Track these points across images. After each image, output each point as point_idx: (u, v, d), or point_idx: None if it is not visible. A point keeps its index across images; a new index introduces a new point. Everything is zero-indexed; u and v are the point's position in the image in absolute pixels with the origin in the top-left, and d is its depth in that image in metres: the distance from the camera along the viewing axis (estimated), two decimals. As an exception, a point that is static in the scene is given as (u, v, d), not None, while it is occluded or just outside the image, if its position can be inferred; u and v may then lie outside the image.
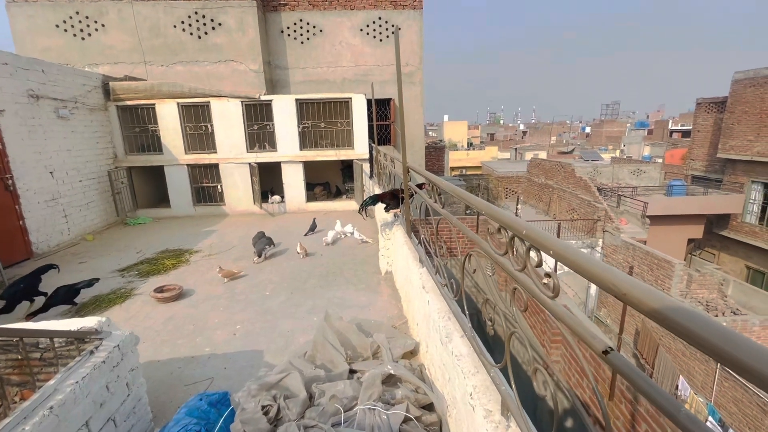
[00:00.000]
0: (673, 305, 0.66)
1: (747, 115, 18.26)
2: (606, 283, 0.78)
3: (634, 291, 0.72)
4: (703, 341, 0.60)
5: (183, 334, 3.90)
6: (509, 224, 1.25)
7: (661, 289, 13.40)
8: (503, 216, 1.33)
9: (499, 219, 1.34)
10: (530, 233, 1.11)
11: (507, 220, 1.28)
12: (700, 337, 0.61)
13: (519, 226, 1.18)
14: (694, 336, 0.62)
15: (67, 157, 7.45)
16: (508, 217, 1.30)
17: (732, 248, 19.62)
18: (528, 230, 1.13)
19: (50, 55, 10.90)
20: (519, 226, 1.19)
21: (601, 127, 63.77)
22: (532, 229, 1.12)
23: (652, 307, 0.69)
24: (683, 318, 0.64)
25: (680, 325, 0.63)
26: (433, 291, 2.74)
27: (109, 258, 6.47)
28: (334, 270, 5.51)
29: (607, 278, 0.78)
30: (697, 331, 0.61)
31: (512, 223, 1.24)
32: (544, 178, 21.95)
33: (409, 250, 3.69)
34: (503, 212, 1.37)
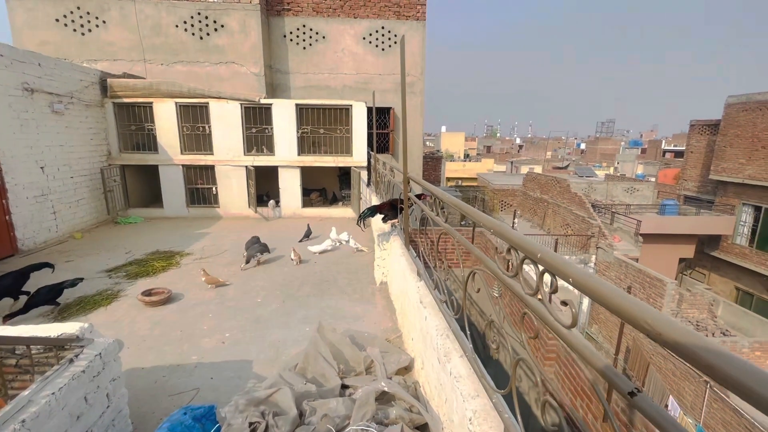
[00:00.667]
0: (716, 350, 0.60)
1: (739, 138, 18.60)
2: (638, 321, 0.72)
3: (671, 332, 0.65)
4: (745, 388, 0.54)
5: (169, 341, 3.77)
6: (522, 246, 1.19)
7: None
8: (515, 236, 1.26)
9: (510, 239, 1.27)
10: (545, 257, 1.05)
11: (519, 241, 1.22)
12: (744, 385, 0.55)
13: (533, 249, 1.12)
14: (737, 383, 0.56)
15: (59, 152, 7.30)
16: (519, 238, 1.24)
17: (722, 269, 19.80)
18: (543, 254, 1.07)
19: (48, 49, 10.77)
20: (533, 248, 1.12)
21: (596, 144, 64.62)
22: (548, 253, 1.06)
23: (691, 350, 0.63)
24: (729, 365, 0.57)
25: (726, 374, 0.57)
26: (431, 306, 2.66)
27: (97, 257, 6.30)
28: (328, 278, 5.41)
29: (638, 315, 0.72)
30: (740, 378, 0.55)
31: (525, 245, 1.17)
32: (539, 193, 22.08)
33: (407, 262, 3.62)
34: (514, 232, 1.31)
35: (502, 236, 1.34)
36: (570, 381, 5.06)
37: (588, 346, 0.92)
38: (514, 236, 1.27)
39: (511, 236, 1.28)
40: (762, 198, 17.71)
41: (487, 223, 1.53)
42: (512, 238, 1.26)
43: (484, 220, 1.54)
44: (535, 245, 1.14)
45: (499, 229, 1.37)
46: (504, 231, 1.34)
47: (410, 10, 12.71)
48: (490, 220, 1.49)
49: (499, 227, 1.38)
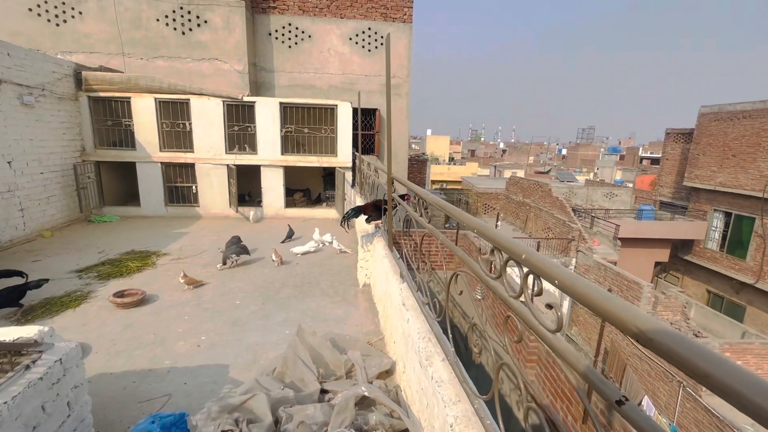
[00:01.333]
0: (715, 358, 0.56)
1: (711, 147, 19.31)
2: (627, 325, 0.68)
3: (663, 337, 0.62)
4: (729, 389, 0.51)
5: (142, 344, 3.61)
6: (506, 247, 1.15)
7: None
8: (499, 237, 1.23)
9: (494, 240, 1.24)
10: (531, 259, 1.01)
11: (503, 242, 1.18)
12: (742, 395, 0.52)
13: (517, 250, 1.08)
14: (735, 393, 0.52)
15: (28, 146, 6.96)
16: (503, 239, 1.20)
17: (695, 272, 20.49)
18: (528, 255, 1.03)
19: (20, 39, 10.30)
20: (517, 249, 1.09)
21: (577, 150, 66.18)
22: (533, 254, 1.02)
23: (685, 357, 0.59)
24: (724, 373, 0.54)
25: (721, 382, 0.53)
26: (413, 309, 2.61)
27: (67, 257, 6.02)
28: (310, 280, 5.31)
29: (628, 319, 0.68)
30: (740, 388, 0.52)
31: (509, 245, 1.14)
32: (521, 196, 22.41)
33: (390, 263, 3.57)
34: (498, 233, 1.27)
35: (485, 237, 1.30)
36: (551, 383, 5.10)
37: (573, 352, 0.89)
38: (498, 237, 1.23)
39: (495, 237, 1.24)
40: (732, 204, 18.42)
41: (470, 223, 1.49)
42: (496, 239, 1.23)
43: (468, 221, 1.50)
44: (519, 246, 1.10)
45: (483, 230, 1.33)
46: (488, 231, 1.30)
47: (397, 12, 12.73)
48: (474, 221, 1.45)
49: (482, 228, 1.34)
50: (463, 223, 1.55)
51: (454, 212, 1.69)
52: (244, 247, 5.84)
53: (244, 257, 5.83)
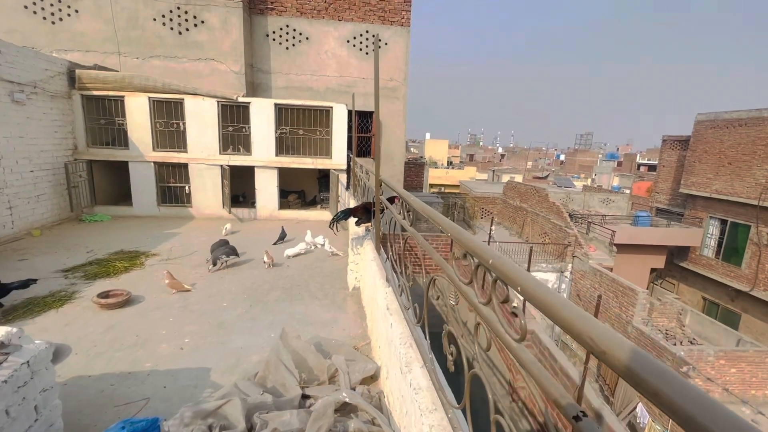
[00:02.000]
0: (666, 374, 0.52)
1: (707, 154, 19.38)
2: (583, 336, 0.64)
3: (617, 351, 0.57)
4: (677, 408, 0.47)
5: (123, 346, 3.54)
6: (475, 251, 1.11)
7: (625, 316, 13.76)
8: (469, 240, 1.18)
9: (465, 244, 1.19)
10: (497, 264, 0.97)
11: (473, 246, 1.14)
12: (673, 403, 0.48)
13: (485, 254, 1.04)
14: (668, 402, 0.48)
15: (18, 144, 6.90)
16: (474, 243, 1.16)
17: (690, 279, 20.50)
18: (495, 260, 0.99)
19: (15, 37, 10.25)
20: (485, 253, 1.04)
21: (575, 156, 66.38)
22: (500, 259, 0.98)
23: (633, 371, 0.55)
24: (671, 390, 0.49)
25: (672, 401, 0.49)
26: (397, 313, 2.56)
27: (54, 256, 5.95)
28: (300, 283, 5.25)
29: (584, 329, 0.64)
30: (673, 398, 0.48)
31: (478, 249, 1.09)
32: (519, 201, 22.43)
33: (377, 267, 3.52)
34: (469, 236, 1.22)
35: (458, 241, 1.26)
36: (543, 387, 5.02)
37: (536, 363, 0.84)
38: (469, 241, 1.19)
39: (466, 241, 1.20)
40: (728, 212, 18.47)
41: (446, 226, 1.45)
42: (467, 243, 1.18)
43: (442, 223, 1.45)
44: (488, 251, 1.06)
45: (456, 233, 1.28)
46: (460, 235, 1.26)
47: (395, 16, 12.74)
48: (447, 223, 1.41)
49: (455, 231, 1.30)
50: (439, 225, 1.50)
51: (431, 214, 1.65)
52: (233, 248, 5.77)
53: (233, 258, 5.75)
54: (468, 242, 1.19)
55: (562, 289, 16.86)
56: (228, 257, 5.57)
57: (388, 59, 12.82)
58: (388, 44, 12.82)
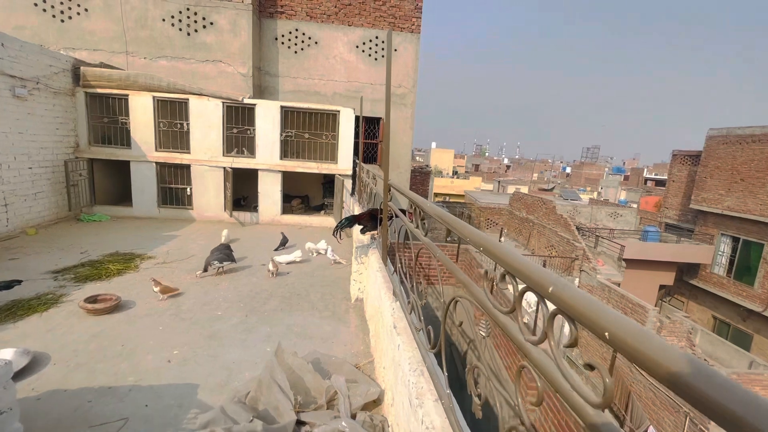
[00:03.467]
0: None
1: (719, 170, 19.01)
2: None
3: None
4: None
5: (106, 357, 3.28)
6: (523, 272, 0.85)
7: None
8: (513, 258, 0.92)
9: (506, 262, 0.93)
10: (563, 294, 0.71)
11: (519, 266, 0.88)
12: None
13: (541, 279, 0.78)
14: None
15: (17, 140, 6.74)
16: (519, 261, 0.90)
17: (700, 297, 19.99)
18: (559, 288, 0.72)
19: (24, 34, 10.21)
20: (541, 277, 0.78)
21: (581, 169, 66.00)
22: (566, 288, 0.71)
23: None
24: None
25: None
26: (405, 333, 2.29)
27: (47, 256, 5.73)
28: (300, 292, 4.98)
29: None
30: None
31: (528, 271, 0.83)
32: (525, 213, 22.09)
33: (383, 278, 3.25)
34: (512, 252, 0.96)
35: (494, 257, 1.00)
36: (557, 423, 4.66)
37: None
38: (511, 258, 0.92)
39: (507, 258, 0.94)
40: (740, 229, 18.03)
41: (475, 238, 1.19)
42: (509, 261, 0.92)
43: (471, 235, 1.20)
44: (544, 273, 0.79)
45: (492, 248, 1.02)
46: (497, 250, 1.00)
47: (405, 22, 12.63)
48: (479, 235, 1.15)
49: (491, 245, 1.04)
50: (466, 238, 1.25)
51: (456, 225, 1.39)
52: (229, 254, 5.48)
53: (227, 264, 5.44)
54: (510, 259, 0.93)
55: (569, 303, 16.44)
56: (221, 263, 5.27)
57: (397, 65, 12.68)
58: (398, 50, 12.69)
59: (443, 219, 1.53)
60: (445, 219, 1.50)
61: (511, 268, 0.91)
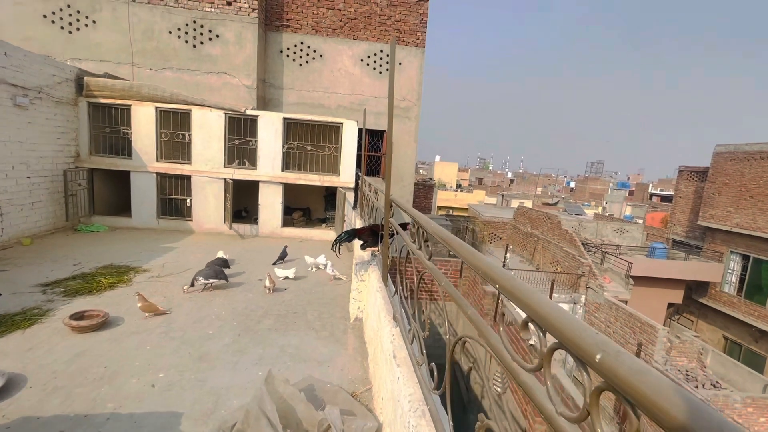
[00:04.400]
0: None
1: (727, 186, 18.75)
2: None
3: None
4: None
5: (87, 380, 3.07)
6: (556, 327, 0.66)
7: (643, 355, 12.90)
8: (538, 303, 0.73)
9: (531, 307, 0.74)
10: (618, 368, 0.52)
11: (549, 315, 0.69)
12: None
13: (583, 341, 0.59)
14: None
15: (16, 149, 6.66)
16: (547, 307, 0.71)
17: (710, 317, 19.49)
18: (610, 356, 0.53)
19: (32, 44, 10.29)
20: (584, 340, 0.59)
21: (585, 184, 65.77)
22: (623, 359, 0.52)
23: None
24: None
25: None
26: (405, 365, 2.08)
27: (38, 268, 5.57)
28: (296, 309, 4.77)
29: None
30: None
31: (563, 326, 0.64)
32: (529, 227, 21.82)
33: (383, 300, 3.05)
34: (536, 294, 0.77)
35: (515, 299, 0.81)
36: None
37: None
38: (537, 302, 0.74)
39: (531, 301, 0.75)
40: (750, 247, 17.66)
41: (487, 270, 1.00)
42: (535, 306, 0.73)
43: (484, 267, 1.01)
44: (586, 332, 0.60)
45: (511, 287, 0.83)
46: (519, 291, 0.81)
47: (410, 36, 12.67)
48: (492, 268, 0.97)
49: (509, 282, 0.85)
50: (478, 269, 1.06)
51: (463, 251, 1.20)
52: (220, 271, 5.23)
53: (217, 282, 5.15)
54: (536, 305, 0.74)
55: (575, 321, 16.03)
56: (207, 280, 5.01)
57: (402, 79, 12.68)
58: (403, 64, 12.70)
59: (449, 243, 1.34)
60: (451, 243, 1.31)
61: (536, 315, 0.72)
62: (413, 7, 12.57)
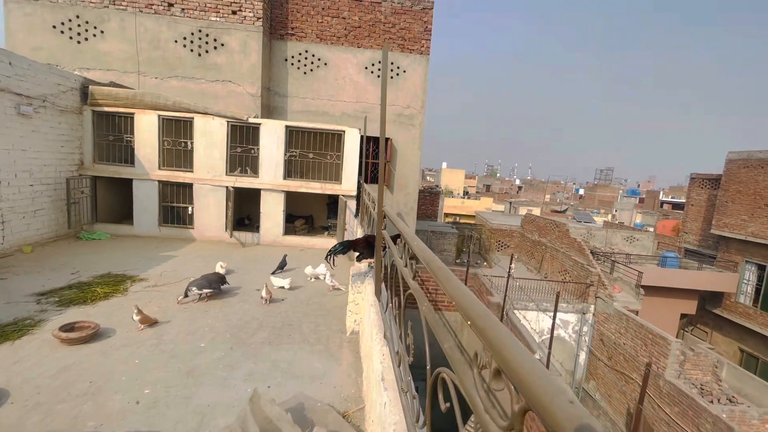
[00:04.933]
0: None
1: (741, 194, 18.29)
2: None
3: None
4: None
5: (71, 395, 2.98)
6: (527, 387, 0.52)
7: (656, 368, 12.49)
8: (514, 357, 0.60)
9: (505, 358, 0.61)
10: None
11: (527, 378, 0.55)
12: None
13: (559, 415, 0.46)
14: None
15: (20, 157, 6.70)
16: (526, 370, 0.58)
17: (725, 328, 18.91)
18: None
19: (41, 54, 10.47)
20: (558, 411, 0.46)
21: (595, 191, 64.98)
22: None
23: None
24: None
25: None
26: (392, 389, 1.94)
27: (36, 276, 5.54)
28: (292, 321, 4.65)
29: None
30: None
31: (535, 386, 0.51)
32: (537, 235, 21.51)
33: (376, 315, 2.92)
34: (514, 347, 0.64)
35: (485, 339, 0.68)
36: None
37: None
38: (508, 351, 0.61)
39: (503, 347, 0.62)
40: (766, 257, 17.15)
41: (461, 301, 0.87)
42: (506, 355, 0.60)
43: (459, 297, 0.87)
44: (556, 392, 0.47)
45: (482, 326, 0.70)
46: (490, 331, 0.68)
47: (414, 44, 12.64)
48: (466, 299, 0.84)
49: (481, 320, 0.72)
50: (453, 300, 0.93)
51: (441, 274, 1.07)
52: (214, 280, 5.11)
53: (209, 291, 5.03)
54: (509, 355, 0.61)
55: (584, 331, 15.66)
56: (201, 290, 4.91)
57: (406, 87, 12.64)
58: (407, 72, 12.65)
59: (430, 266, 1.22)
60: (431, 266, 1.19)
61: (508, 369, 0.59)
62: (418, 15, 12.56)
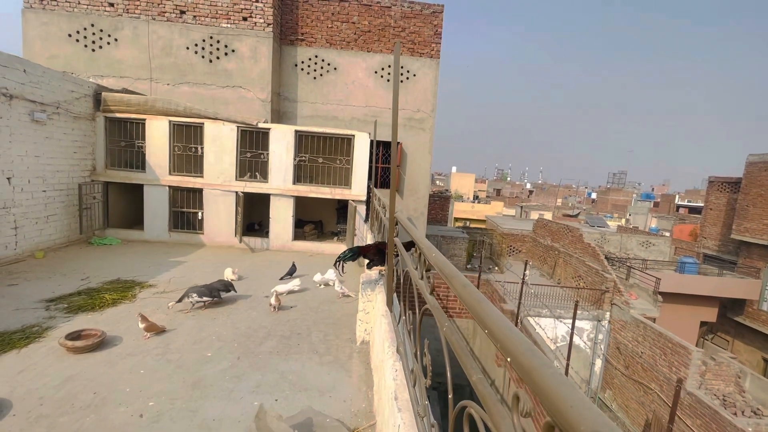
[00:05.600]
0: None
1: (762, 198, 17.71)
2: None
3: None
4: None
5: (74, 407, 2.90)
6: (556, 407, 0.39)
7: (675, 379, 12.05)
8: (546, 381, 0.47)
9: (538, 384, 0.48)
10: None
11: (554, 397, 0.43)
12: None
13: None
14: None
15: (33, 163, 6.76)
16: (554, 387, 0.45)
17: (748, 337, 18.24)
18: None
19: (57, 62, 10.66)
20: None
21: (607, 195, 63.89)
22: None
23: None
24: None
25: None
26: (407, 411, 1.80)
27: (47, 282, 5.54)
28: (301, 330, 4.53)
29: None
30: None
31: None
32: (550, 240, 21.11)
33: (387, 327, 2.78)
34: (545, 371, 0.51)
35: (517, 365, 0.55)
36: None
37: None
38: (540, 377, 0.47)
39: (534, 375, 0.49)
40: (790, 263, 16.51)
41: (492, 327, 0.74)
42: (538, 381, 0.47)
43: (489, 322, 0.74)
44: None
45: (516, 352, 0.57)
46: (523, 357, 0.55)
47: (425, 48, 12.56)
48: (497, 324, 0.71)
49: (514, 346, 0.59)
50: (482, 325, 0.80)
51: (465, 293, 0.94)
52: (214, 289, 5.00)
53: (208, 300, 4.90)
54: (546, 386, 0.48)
55: (600, 339, 15.23)
56: (201, 298, 4.80)
57: (416, 91, 12.55)
58: (417, 75, 12.57)
59: (452, 282, 1.09)
60: (453, 283, 1.06)
61: (564, 424, 0.46)
62: (428, 19, 12.48)
